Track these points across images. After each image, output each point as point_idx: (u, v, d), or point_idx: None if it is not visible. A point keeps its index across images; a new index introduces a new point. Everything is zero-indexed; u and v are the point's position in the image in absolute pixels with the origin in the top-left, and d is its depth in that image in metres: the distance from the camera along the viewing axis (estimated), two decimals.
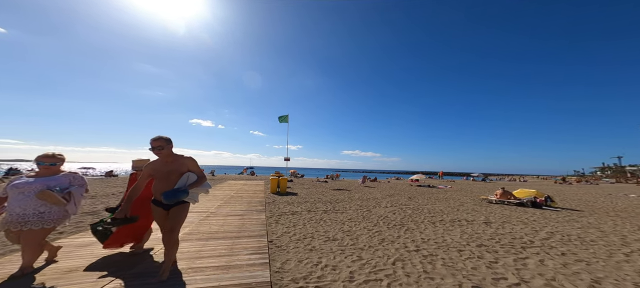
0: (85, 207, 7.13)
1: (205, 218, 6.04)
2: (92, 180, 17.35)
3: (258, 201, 9.35)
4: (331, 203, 9.45)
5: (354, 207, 8.71)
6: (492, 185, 25.71)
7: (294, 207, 8.40)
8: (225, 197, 10.27)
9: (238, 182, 20.01)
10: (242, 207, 7.84)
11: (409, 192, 15.13)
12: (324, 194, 12.87)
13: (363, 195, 12.72)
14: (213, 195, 10.59)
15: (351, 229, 5.56)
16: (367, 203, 9.87)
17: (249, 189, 14.04)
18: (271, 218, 6.54)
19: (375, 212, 7.88)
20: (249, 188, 14.68)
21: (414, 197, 12.19)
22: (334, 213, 7.42)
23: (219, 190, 12.70)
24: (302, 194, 12.77)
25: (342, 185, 20.65)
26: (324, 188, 16.85)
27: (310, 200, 10.21)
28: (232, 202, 8.81)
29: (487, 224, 6.28)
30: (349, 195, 12.86)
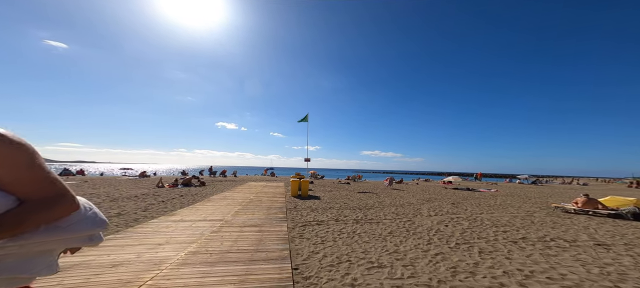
0: None
1: (218, 229, 5.14)
2: (126, 180, 18.00)
3: (278, 207, 8.40)
4: (361, 210, 8.17)
5: (390, 216, 7.36)
6: (549, 189, 22.08)
7: (319, 215, 7.28)
8: (244, 201, 9.50)
9: (258, 183, 19.50)
10: (261, 215, 6.90)
11: (448, 197, 13.25)
12: (349, 198, 11.61)
13: (394, 200, 11.22)
14: (231, 199, 9.89)
15: (398, 248, 4.27)
16: (403, 210, 8.43)
17: (269, 192, 13.26)
18: (294, 229, 5.48)
19: (420, 222, 6.46)
20: (269, 190, 13.93)
21: (459, 203, 10.41)
22: (368, 224, 6.15)
23: (239, 193, 12.05)
24: (326, 198, 11.63)
25: (366, 187, 19.16)
26: (348, 190, 15.56)
27: (336, 206, 9.03)
28: (250, 208, 7.95)
29: (602, 247, 4.54)
30: (378, 199, 11.45)
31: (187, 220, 5.85)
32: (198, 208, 7.55)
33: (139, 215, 6.24)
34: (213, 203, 8.56)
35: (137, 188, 12.42)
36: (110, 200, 8.64)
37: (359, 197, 12.04)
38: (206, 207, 7.83)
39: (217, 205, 8.17)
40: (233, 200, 9.47)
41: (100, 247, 3.68)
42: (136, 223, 5.47)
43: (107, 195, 9.69)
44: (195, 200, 9.22)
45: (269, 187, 16.17)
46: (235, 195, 11.29)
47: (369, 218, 6.99)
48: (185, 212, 6.76)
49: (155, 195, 10.24)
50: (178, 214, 6.47)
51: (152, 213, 6.51)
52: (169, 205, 7.82)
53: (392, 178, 18.40)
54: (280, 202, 9.63)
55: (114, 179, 19.41)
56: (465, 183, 26.42)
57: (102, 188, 12.13)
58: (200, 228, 5.09)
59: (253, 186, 16.29)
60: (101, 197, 9.14)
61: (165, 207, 7.61)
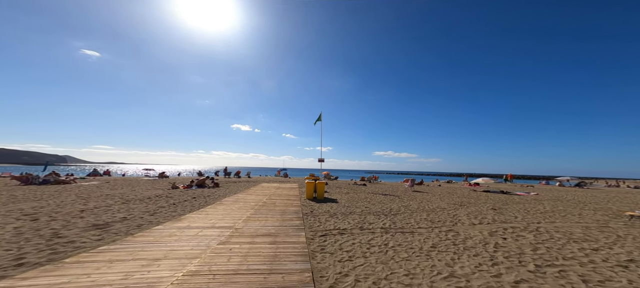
0: (106, 214, 6.30)
1: (226, 239, 4.44)
2: (146, 181, 18.26)
3: (294, 211, 7.63)
4: (387, 216, 7.19)
5: (423, 223, 6.32)
6: (600, 193, 18.82)
7: (340, 221, 6.41)
8: (257, 204, 8.85)
9: (272, 184, 18.97)
10: (275, 220, 6.15)
11: (482, 201, 11.84)
12: (369, 202, 10.61)
13: (422, 204, 10.07)
14: (244, 201, 9.29)
15: (454, 270, 3.29)
16: (437, 216, 7.33)
17: (283, 194, 12.60)
18: (314, 240, 4.65)
19: (465, 232, 5.39)
20: (283, 192, 13.26)
21: (501, 209, 9.05)
22: (401, 234, 5.18)
23: (252, 195, 11.48)
24: (343, 201, 10.73)
25: (385, 188, 17.98)
26: (365, 193, 14.53)
27: (357, 211, 8.10)
28: (263, 212, 7.25)
29: None
30: (402, 203, 10.35)
31: (194, 227, 5.22)
32: (208, 212, 6.97)
33: (144, 220, 5.72)
34: (224, 207, 7.97)
35: (152, 190, 12.25)
36: (122, 202, 8.33)
37: (381, 200, 11.00)
38: (217, 211, 7.24)
39: (228, 209, 7.56)
40: (245, 203, 8.85)
41: (84, 263, 3.07)
42: (138, 230, 4.92)
43: (121, 197, 9.46)
44: (207, 203, 8.70)
45: (282, 188, 15.54)
46: (248, 197, 10.71)
47: (400, 226, 6.00)
48: (193, 217, 6.18)
49: (168, 197, 9.89)
50: (186, 219, 5.89)
51: (159, 218, 5.98)
52: (179, 209, 7.32)
53: (413, 180, 17.09)
54: (295, 205, 8.87)
55: (135, 180, 19.77)
56: (497, 185, 24.07)
57: (120, 189, 12.08)
58: (207, 238, 4.41)
59: (266, 188, 15.74)
60: (115, 199, 8.89)
61: (175, 210, 7.11)
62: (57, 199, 8.51)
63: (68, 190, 11.18)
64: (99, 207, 7.05)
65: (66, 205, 7.38)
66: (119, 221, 5.57)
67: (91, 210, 6.59)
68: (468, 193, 15.51)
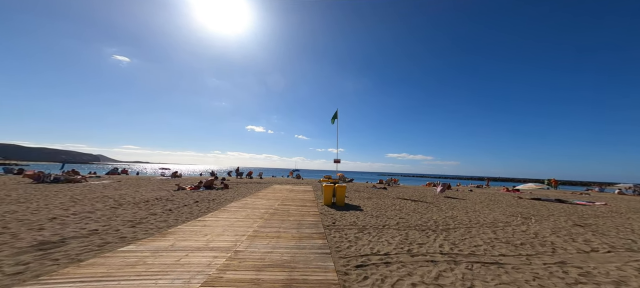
0: (108, 218, 5.13)
1: (217, 275, 2.97)
2: (157, 180, 17.65)
3: (312, 223, 6.09)
4: (438, 233, 5.44)
5: (500, 247, 4.53)
6: None
7: (375, 240, 4.78)
8: (267, 211, 7.42)
9: (284, 186, 17.63)
10: (290, 238, 4.64)
11: (546, 212, 9.67)
12: (401, 209, 8.85)
13: (470, 215, 8.15)
14: (252, 207, 7.91)
15: None
16: (511, 235, 5.45)
17: (297, 198, 11.13)
18: (348, 276, 3.08)
19: (585, 264, 3.56)
20: (297, 196, 11.80)
21: (588, 225, 6.91)
22: (484, 268, 3.46)
23: (262, 199, 10.11)
24: (368, 208, 9.06)
25: (410, 193, 15.99)
26: (390, 198, 12.71)
27: (392, 223, 6.42)
28: (274, 223, 5.78)
29: None
30: (443, 212, 8.48)
31: (178, 248, 3.82)
32: (206, 223, 5.61)
33: (117, 236, 4.37)
34: (228, 215, 6.60)
35: (157, 191, 11.27)
36: (111, 207, 7.20)
37: (414, 208, 9.19)
38: (218, 220, 5.87)
39: (232, 219, 6.17)
40: (254, 210, 7.45)
41: None
42: (100, 251, 3.60)
43: (117, 199, 8.44)
44: (209, 209, 7.40)
45: (295, 191, 14.10)
46: (257, 202, 9.33)
47: (467, 251, 4.25)
48: (184, 231, 4.82)
49: (168, 200, 8.75)
50: (172, 235, 4.52)
51: (138, 233, 4.63)
52: (172, 217, 6.02)
53: (445, 184, 14.97)
54: (312, 214, 7.34)
55: (147, 179, 19.27)
56: (545, 192, 20.80)
57: (125, 190, 11.22)
58: (188, 273, 2.97)
59: (278, 190, 14.37)
60: (108, 202, 7.84)
61: (166, 219, 5.82)
62: (46, 200, 7.58)
63: (72, 190, 10.43)
64: (79, 213, 5.92)
65: (47, 208, 6.35)
66: (82, 237, 4.28)
67: (66, 218, 5.44)
68: (515, 201, 13.17)
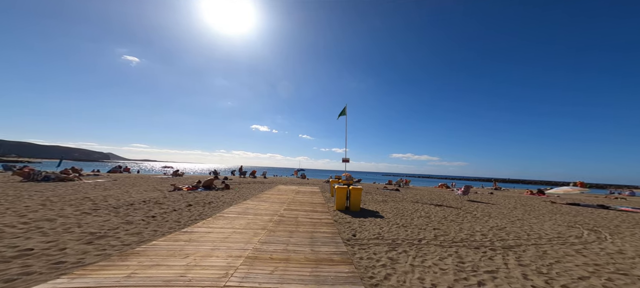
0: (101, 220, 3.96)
1: None
2: (156, 179, 16.66)
3: (327, 235, 4.81)
4: (504, 254, 4.08)
5: (599, 271, 3.18)
6: None
7: (419, 262, 3.47)
8: (272, 217, 6.17)
9: (289, 187, 16.39)
10: (303, 262, 3.34)
11: (600, 219, 8.16)
12: (429, 217, 7.48)
13: (521, 226, 6.72)
14: (253, 213, 6.67)
15: None
16: (598, 257, 4.08)
17: (304, 200, 9.85)
18: None
19: None
20: (304, 198, 10.53)
21: None
22: None
23: (265, 202, 8.88)
24: (390, 214, 7.74)
25: (428, 195, 14.52)
26: (408, 201, 11.32)
27: (428, 237, 5.09)
28: (281, 237, 4.51)
29: None
30: (482, 221, 7.06)
31: (131, 286, 2.59)
32: (193, 235, 4.39)
33: (56, 259, 3.11)
34: (224, 223, 5.37)
35: (151, 191, 10.17)
36: (81, 213, 6.08)
37: (444, 216, 7.79)
38: (210, 231, 4.65)
39: (227, 229, 4.94)
40: (255, 217, 6.20)
41: None
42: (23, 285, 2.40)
43: (101, 200, 7.32)
44: (203, 215, 6.20)
45: (302, 193, 12.84)
46: (260, 206, 8.09)
47: (575, 285, 2.91)
48: (160, 250, 3.57)
49: (158, 203, 7.59)
50: (138, 257, 3.24)
51: (90, 254, 3.41)
52: (150, 228, 4.77)
53: (469, 187, 13.45)
54: (325, 222, 6.05)
55: (145, 178, 18.33)
56: (582, 197, 18.54)
57: (115, 190, 10.17)
58: None
59: (283, 191, 13.14)
60: (83, 206, 6.73)
61: (143, 230, 4.61)
62: (13, 204, 6.49)
63: (56, 189, 9.41)
64: (34, 221, 4.75)
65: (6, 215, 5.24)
66: (16, 257, 3.10)
67: (4, 230, 4.31)
68: (553, 207, 11.57)
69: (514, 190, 27.78)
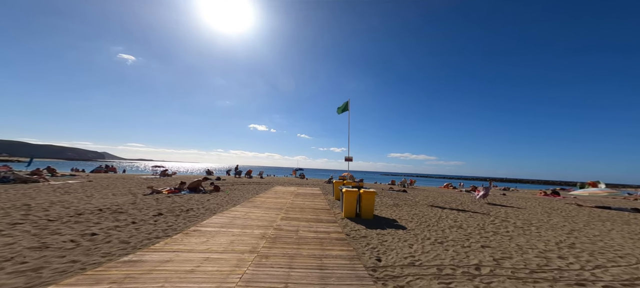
0: None
1: None
2: (137, 180, 14.99)
3: (342, 260, 3.27)
4: None
5: None
6: None
7: None
8: (266, 232, 4.61)
9: (287, 188, 14.86)
10: None
11: None
12: (461, 227, 6.00)
13: (583, 241, 5.24)
14: (242, 226, 5.13)
15: None
16: None
17: (305, 205, 8.33)
18: None
19: None
20: (305, 202, 9.00)
21: None
22: None
23: (259, 208, 7.32)
24: (410, 224, 6.28)
25: (440, 198, 13.08)
26: (421, 205, 9.86)
27: (486, 260, 3.61)
28: (274, 265, 2.96)
29: None
30: (529, 234, 5.57)
31: None
32: (130, 271, 2.83)
33: None
34: (195, 244, 3.82)
35: (122, 195, 8.57)
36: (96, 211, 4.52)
37: (480, 225, 6.29)
38: (167, 259, 3.08)
39: (199, 253, 3.39)
40: (243, 232, 4.65)
41: None
42: None
43: (41, 210, 5.74)
44: (173, 228, 4.65)
45: (302, 195, 11.31)
46: (252, 213, 6.52)
47: None
48: None
49: (122, 211, 6.01)
50: None
51: None
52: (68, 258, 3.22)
53: (488, 188, 12.05)
54: (335, 238, 4.54)
55: (129, 178, 16.66)
56: (608, 200, 16.61)
57: (77, 194, 8.57)
58: None
59: (281, 193, 11.59)
60: (10, 216, 5.14)
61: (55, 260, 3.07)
62: None
63: (9, 191, 7.78)
64: None
65: None
66: None
67: None
68: (582, 210, 10.19)
69: (524, 191, 26.55)
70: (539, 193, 19.80)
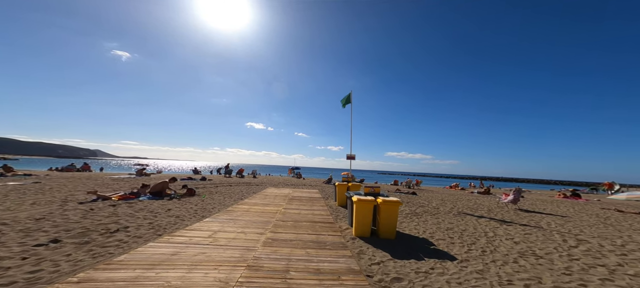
0: None
1: None
2: (103, 181, 12.66)
3: None
4: None
5: None
6: None
7: None
8: (232, 273, 2.51)
9: (281, 190, 12.72)
10: None
11: None
12: (535, 254, 3.94)
13: None
14: (196, 258, 2.94)
15: None
16: None
17: (301, 215, 6.17)
18: None
19: None
20: (300, 211, 6.84)
21: None
22: None
23: (233, 225, 5.13)
24: (456, 248, 4.22)
25: (460, 202, 11.08)
26: (446, 213, 7.84)
27: None
28: None
29: None
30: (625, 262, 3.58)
31: None
32: None
33: None
34: None
35: (44, 204, 6.37)
36: None
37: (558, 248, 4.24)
38: None
39: None
40: (188, 281, 2.52)
41: None
42: None
43: None
44: (49, 279, 2.53)
45: (297, 200, 9.17)
46: (222, 234, 4.32)
47: None
48: None
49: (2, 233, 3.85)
50: None
51: None
52: None
53: (519, 189, 10.03)
54: (351, 285, 2.45)
55: (94, 177, 14.32)
56: None
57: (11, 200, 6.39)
58: None
59: (271, 198, 9.42)
60: None
61: None
62: None
63: None
64: None
65: None
66: None
67: None
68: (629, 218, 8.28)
69: (538, 192, 24.81)
70: (557, 195, 17.98)
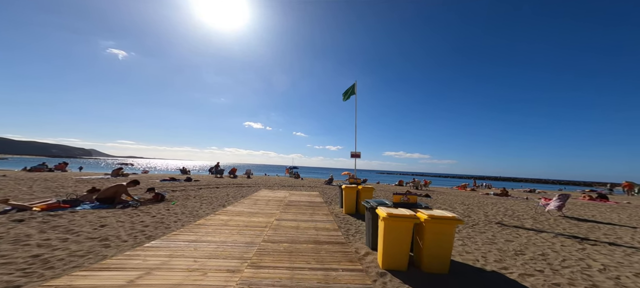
0: None
1: None
2: (64, 180, 10.79)
3: None
4: None
5: None
6: None
7: None
8: None
9: (276, 194, 10.84)
10: None
11: None
12: None
13: None
14: None
15: None
16: None
17: (300, 233, 4.27)
18: None
19: None
20: (299, 223, 4.97)
21: None
22: None
23: (194, 253, 3.26)
24: None
25: (487, 208, 9.28)
26: (485, 223, 6.03)
27: None
28: None
29: None
30: None
31: None
32: None
33: None
34: None
35: None
36: None
37: None
38: None
39: None
40: None
41: None
42: None
43: None
44: None
45: (295, 206, 7.29)
46: (170, 275, 2.47)
47: None
48: None
49: None
50: None
51: None
52: None
53: (566, 194, 8.28)
54: None
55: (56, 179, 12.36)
56: None
57: None
58: None
59: (263, 203, 7.52)
60: None
61: None
62: None
63: None
64: None
65: None
66: None
67: None
68: None
69: (552, 193, 23.18)
70: (581, 198, 16.32)
